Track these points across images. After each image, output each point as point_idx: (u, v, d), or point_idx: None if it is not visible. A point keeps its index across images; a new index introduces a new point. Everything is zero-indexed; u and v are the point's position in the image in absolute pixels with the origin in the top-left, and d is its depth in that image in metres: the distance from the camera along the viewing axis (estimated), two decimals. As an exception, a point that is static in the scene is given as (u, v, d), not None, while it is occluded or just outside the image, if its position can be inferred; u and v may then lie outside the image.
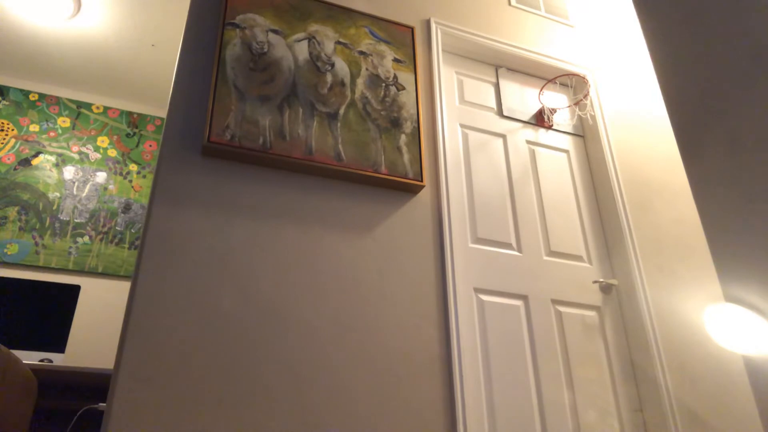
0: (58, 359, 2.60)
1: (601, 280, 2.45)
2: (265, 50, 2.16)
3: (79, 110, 3.72)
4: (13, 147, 3.46)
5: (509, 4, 3.01)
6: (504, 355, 2.13)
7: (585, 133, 2.88)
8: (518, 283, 2.30)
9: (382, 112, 2.26)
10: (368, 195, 2.13)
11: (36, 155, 3.49)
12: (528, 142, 2.70)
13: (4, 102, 3.57)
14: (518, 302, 2.27)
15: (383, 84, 2.33)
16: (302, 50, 2.23)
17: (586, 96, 2.86)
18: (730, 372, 2.33)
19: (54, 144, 3.55)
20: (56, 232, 3.32)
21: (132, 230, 3.50)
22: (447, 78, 2.66)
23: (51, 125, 3.60)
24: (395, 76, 2.37)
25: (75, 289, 2.84)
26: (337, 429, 1.72)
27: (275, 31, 2.22)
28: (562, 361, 2.22)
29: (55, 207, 3.39)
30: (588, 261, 2.51)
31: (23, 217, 3.29)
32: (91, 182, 3.54)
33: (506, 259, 2.35)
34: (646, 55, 3.23)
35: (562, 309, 2.33)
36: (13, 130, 3.50)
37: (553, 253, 2.45)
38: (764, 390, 1.16)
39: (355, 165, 2.10)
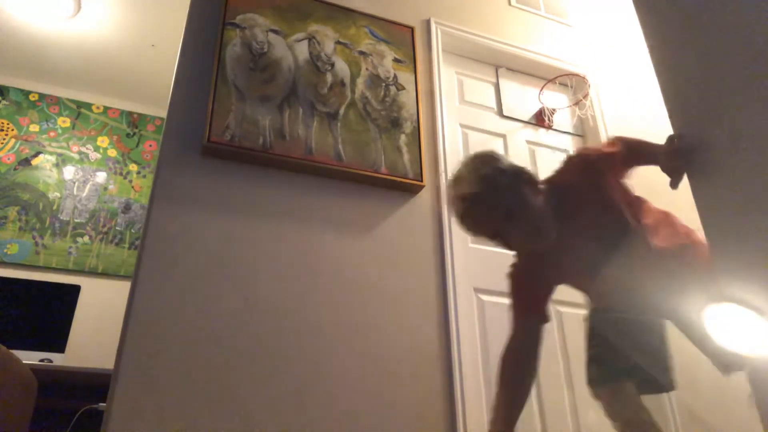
0: (58, 359, 2.60)
1: (601, 280, 2.45)
2: (265, 50, 2.16)
3: (79, 110, 3.72)
4: (13, 147, 3.45)
5: (509, 4, 3.01)
6: (504, 355, 2.13)
7: (585, 133, 2.87)
8: (518, 283, 2.30)
9: (382, 112, 2.26)
10: (368, 195, 2.13)
11: (36, 155, 3.48)
12: (528, 142, 2.69)
13: (4, 102, 3.56)
14: (518, 302, 2.27)
15: (383, 84, 2.32)
16: (302, 50, 2.23)
17: (585, 96, 2.86)
18: (730, 372, 2.32)
19: (54, 144, 3.55)
20: (56, 232, 3.32)
21: (132, 230, 3.49)
22: (447, 78, 2.66)
23: (51, 125, 3.59)
24: (395, 76, 2.37)
25: (75, 289, 2.84)
26: (337, 428, 1.72)
27: (275, 31, 2.22)
28: (562, 361, 2.22)
29: (55, 207, 3.38)
30: (588, 261, 2.51)
31: (23, 217, 3.29)
32: (91, 182, 3.53)
33: (506, 259, 2.33)
34: (646, 55, 3.22)
35: (561, 309, 2.33)
36: (13, 130, 3.50)
37: (553, 253, 2.44)
38: (764, 390, 1.16)
39: (355, 165, 2.10)
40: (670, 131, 1.69)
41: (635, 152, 1.52)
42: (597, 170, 1.46)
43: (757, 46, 1.08)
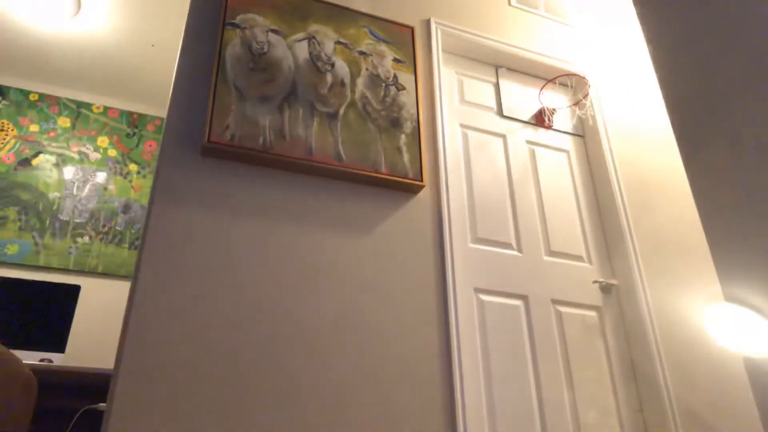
0: (58, 359, 2.60)
1: (601, 280, 2.45)
2: (265, 50, 2.16)
3: (79, 110, 3.72)
4: (13, 147, 3.45)
5: (509, 4, 3.01)
6: (504, 355, 2.13)
7: (585, 133, 2.88)
8: (518, 283, 2.30)
9: (382, 112, 2.26)
10: (368, 195, 2.13)
11: (36, 155, 3.49)
12: (528, 142, 2.70)
13: (4, 102, 3.56)
14: (518, 302, 2.27)
15: (383, 84, 2.33)
16: (302, 50, 2.23)
17: (585, 96, 2.86)
18: (730, 372, 2.33)
19: (54, 144, 3.55)
20: (56, 232, 3.32)
21: (132, 230, 3.49)
22: (447, 78, 2.66)
23: (51, 125, 3.59)
24: (395, 76, 2.37)
25: (75, 289, 2.84)
26: (337, 428, 1.72)
27: (275, 31, 2.22)
28: (562, 361, 2.22)
29: (55, 207, 3.38)
30: (588, 261, 2.51)
31: (23, 217, 3.29)
32: (91, 182, 3.53)
33: (506, 259, 2.35)
34: (647, 55, 3.22)
35: (562, 309, 2.33)
36: (13, 130, 3.50)
37: (553, 253, 2.45)
38: (764, 390, 1.16)
39: (356, 165, 2.10)
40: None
41: None
42: None
43: (756, 48, 1.08)
